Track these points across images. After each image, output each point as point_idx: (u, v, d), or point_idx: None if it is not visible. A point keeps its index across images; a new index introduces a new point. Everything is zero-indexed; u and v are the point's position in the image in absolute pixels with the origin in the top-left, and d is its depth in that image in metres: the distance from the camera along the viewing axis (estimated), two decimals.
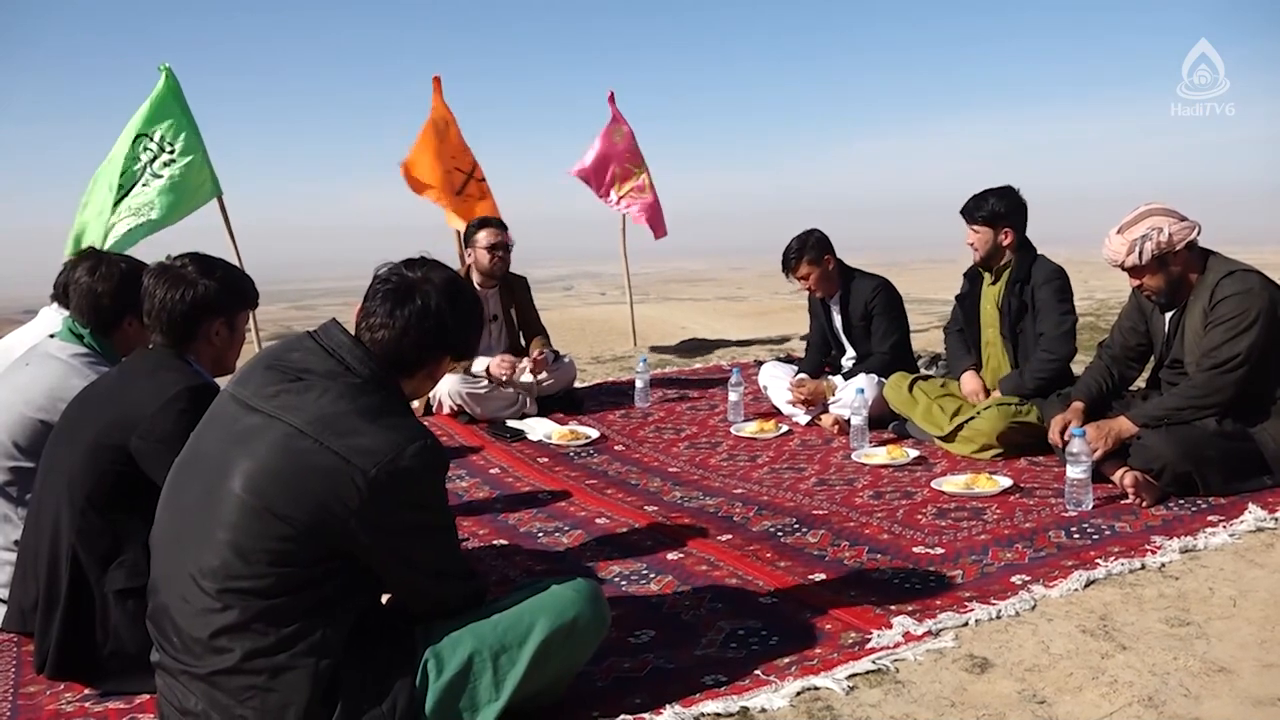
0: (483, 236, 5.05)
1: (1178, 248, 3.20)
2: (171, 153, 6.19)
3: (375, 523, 1.63)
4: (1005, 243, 4.01)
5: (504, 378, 4.81)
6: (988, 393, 4.07)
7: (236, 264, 2.48)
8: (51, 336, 2.70)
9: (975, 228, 4.04)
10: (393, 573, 1.74)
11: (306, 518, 1.59)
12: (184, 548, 1.67)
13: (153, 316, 2.25)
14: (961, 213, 4.08)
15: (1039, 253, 4.05)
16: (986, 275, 4.17)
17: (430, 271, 1.80)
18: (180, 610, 1.66)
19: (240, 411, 1.70)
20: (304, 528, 1.59)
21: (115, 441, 2.12)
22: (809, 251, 4.59)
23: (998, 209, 3.97)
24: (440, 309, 1.77)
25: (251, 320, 2.45)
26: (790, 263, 4.62)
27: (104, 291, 2.63)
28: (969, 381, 4.12)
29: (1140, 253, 3.21)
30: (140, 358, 2.31)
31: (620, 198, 7.17)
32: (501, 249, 5.05)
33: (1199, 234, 3.23)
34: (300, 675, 1.61)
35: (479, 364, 4.88)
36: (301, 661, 1.61)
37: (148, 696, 2.05)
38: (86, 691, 2.15)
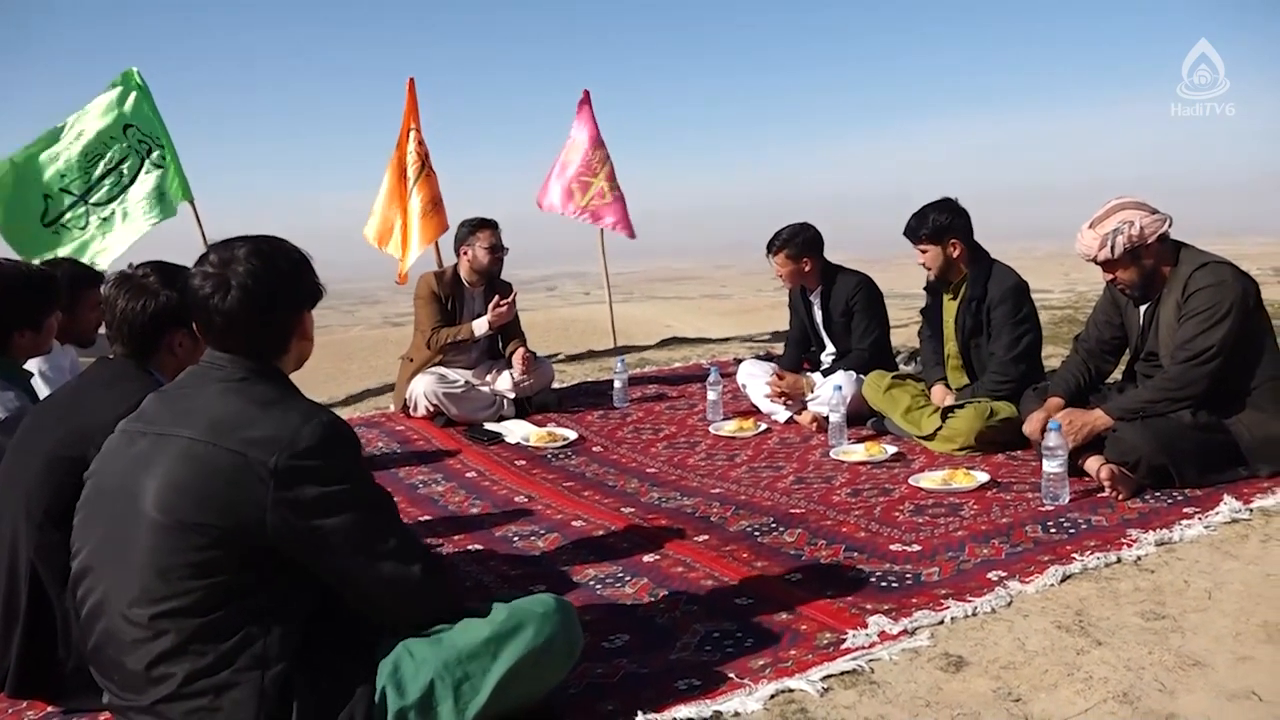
0: (484, 236, 5.02)
1: (1149, 241, 3.20)
2: (161, 148, 6.11)
3: (289, 511, 1.59)
4: (955, 254, 4.00)
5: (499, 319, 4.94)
6: None
7: None
8: None
9: (922, 246, 4.04)
10: (326, 566, 1.66)
11: (221, 522, 1.57)
12: (104, 584, 1.64)
13: (113, 327, 2.21)
14: (905, 234, 4.08)
15: (995, 261, 4.04)
16: (946, 291, 4.18)
17: (230, 253, 1.72)
18: (116, 647, 1.62)
19: (130, 439, 1.71)
20: (220, 534, 1.57)
21: (73, 454, 2.07)
22: (789, 247, 4.60)
23: (940, 222, 3.96)
24: (259, 277, 1.70)
25: None
26: (772, 246, 4.66)
27: None
28: (937, 394, 4.12)
29: (1112, 247, 3.21)
30: (99, 368, 2.27)
31: (582, 209, 7.16)
32: (500, 250, 5.05)
33: (1170, 226, 3.23)
34: (245, 691, 1.58)
35: (479, 326, 4.93)
36: (244, 676, 1.58)
37: (109, 715, 2.00)
38: (49, 710, 2.11)
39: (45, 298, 2.70)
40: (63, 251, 5.58)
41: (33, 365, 3.00)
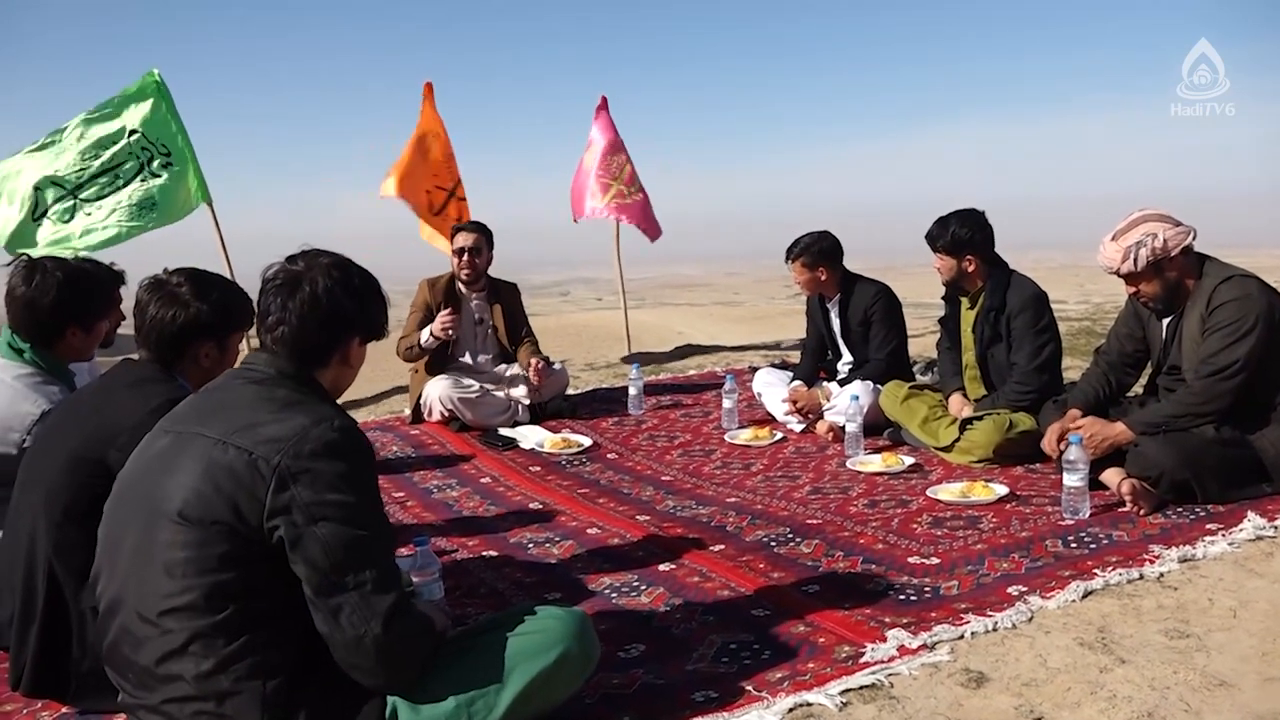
0: (455, 240, 5.06)
1: (1173, 253, 3.17)
2: (167, 155, 6.11)
3: (284, 512, 1.57)
4: (969, 269, 4.00)
5: (446, 333, 4.82)
6: None
7: (228, 274, 2.43)
8: None
9: (939, 255, 4.03)
10: (304, 574, 1.58)
11: (226, 519, 1.57)
12: (119, 580, 1.66)
13: (141, 332, 2.21)
14: (925, 238, 4.08)
15: (1014, 271, 4.03)
16: (964, 299, 4.16)
17: (314, 259, 1.80)
18: (130, 644, 1.63)
19: (155, 438, 1.75)
20: (225, 532, 1.57)
21: (94, 454, 2.08)
22: (806, 255, 4.59)
23: (960, 236, 3.95)
24: (330, 291, 1.75)
25: (245, 339, 2.39)
26: (790, 253, 4.66)
27: (43, 305, 2.53)
28: (955, 404, 4.11)
29: (1135, 259, 3.18)
30: (124, 369, 2.27)
31: (604, 207, 7.13)
32: (469, 253, 5.00)
33: (1194, 238, 3.20)
34: (247, 699, 1.57)
35: (424, 336, 4.89)
36: (246, 685, 1.57)
37: (124, 715, 2.00)
38: (64, 710, 2.12)
39: (103, 301, 2.71)
40: (40, 241, 5.60)
41: None
